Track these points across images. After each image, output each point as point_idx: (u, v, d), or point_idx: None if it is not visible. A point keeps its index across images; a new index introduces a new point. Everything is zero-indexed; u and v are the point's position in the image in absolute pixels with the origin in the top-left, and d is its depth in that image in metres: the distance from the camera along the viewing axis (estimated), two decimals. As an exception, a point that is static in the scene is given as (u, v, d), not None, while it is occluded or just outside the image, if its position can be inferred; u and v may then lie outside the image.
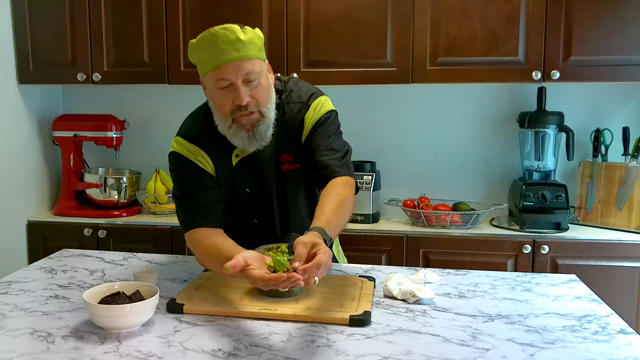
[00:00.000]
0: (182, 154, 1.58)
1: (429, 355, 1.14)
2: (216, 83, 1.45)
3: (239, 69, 1.42)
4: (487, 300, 1.47)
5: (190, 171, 1.57)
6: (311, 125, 1.58)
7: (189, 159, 1.57)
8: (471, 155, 2.81)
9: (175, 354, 1.14)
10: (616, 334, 1.26)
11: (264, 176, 1.61)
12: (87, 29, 2.67)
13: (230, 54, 1.40)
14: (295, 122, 1.59)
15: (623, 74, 2.39)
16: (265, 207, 1.64)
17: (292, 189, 1.63)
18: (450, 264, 2.27)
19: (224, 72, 1.42)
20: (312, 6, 2.50)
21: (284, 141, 1.59)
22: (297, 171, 1.62)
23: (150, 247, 2.57)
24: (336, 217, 1.41)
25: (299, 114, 1.59)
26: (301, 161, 1.61)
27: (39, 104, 2.86)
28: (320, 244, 1.26)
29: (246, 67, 1.42)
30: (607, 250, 2.36)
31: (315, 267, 1.19)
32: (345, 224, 1.50)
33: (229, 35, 1.40)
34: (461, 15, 2.44)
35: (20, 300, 1.44)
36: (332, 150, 1.57)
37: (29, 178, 2.78)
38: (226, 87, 1.44)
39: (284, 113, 1.58)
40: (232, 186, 1.61)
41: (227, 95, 1.45)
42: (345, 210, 1.47)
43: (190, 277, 1.64)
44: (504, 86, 2.74)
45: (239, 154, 1.58)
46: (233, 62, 1.41)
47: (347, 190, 1.51)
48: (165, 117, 2.97)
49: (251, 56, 1.43)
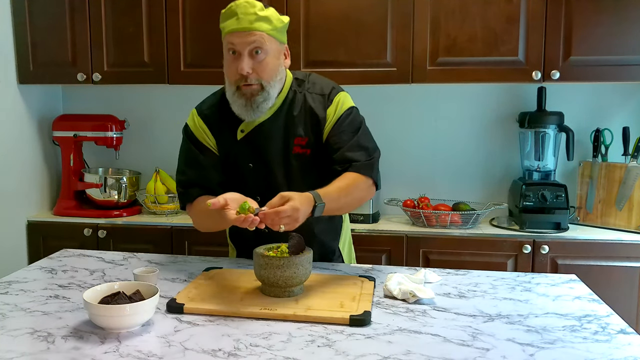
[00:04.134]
0: (190, 127, 1.70)
1: (429, 355, 1.14)
2: (227, 48, 1.56)
3: (246, 39, 1.52)
4: (487, 300, 1.47)
5: (193, 145, 1.69)
6: (334, 120, 1.65)
7: (194, 134, 1.69)
8: (471, 155, 2.81)
9: (175, 354, 1.14)
10: (616, 334, 1.26)
11: (269, 152, 1.66)
12: (87, 29, 2.67)
13: (243, 24, 1.52)
14: (314, 114, 1.66)
15: (623, 74, 2.39)
16: (268, 184, 1.67)
17: (299, 172, 1.68)
18: (450, 264, 2.27)
19: (233, 38, 1.53)
20: (312, 6, 2.51)
21: (303, 125, 1.65)
22: (308, 156, 1.67)
23: (150, 247, 2.57)
24: (336, 192, 1.52)
25: (321, 105, 1.66)
26: (314, 149, 1.66)
27: (39, 104, 2.86)
28: (293, 198, 1.37)
29: (254, 40, 1.52)
30: (607, 250, 2.36)
31: (274, 214, 1.33)
32: (347, 207, 1.61)
33: (248, 8, 1.52)
34: (461, 15, 2.44)
35: (20, 300, 1.44)
36: (359, 147, 1.64)
37: (29, 178, 2.78)
38: (234, 55, 1.55)
39: (305, 100, 1.67)
40: (235, 162, 1.68)
41: (233, 62, 1.55)
42: (350, 192, 1.56)
43: (190, 277, 1.64)
44: (504, 86, 2.74)
45: (244, 129, 1.65)
46: (243, 31, 1.52)
47: (361, 182, 1.59)
48: (165, 117, 2.97)
49: (262, 30, 1.52)
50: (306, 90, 1.68)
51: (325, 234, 1.78)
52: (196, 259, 1.84)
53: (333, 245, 1.83)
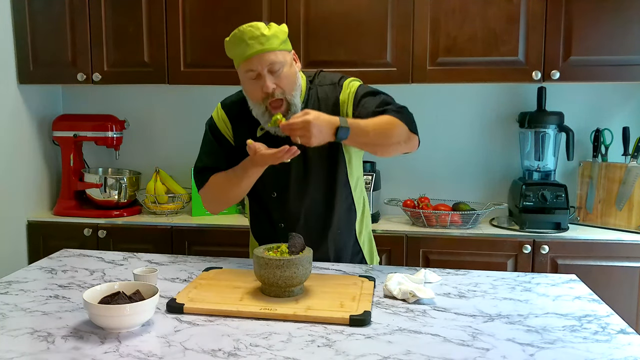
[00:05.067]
0: (214, 118, 1.81)
1: (429, 355, 1.14)
2: (246, 74, 1.62)
3: (263, 60, 1.58)
4: (487, 300, 1.47)
5: (212, 136, 1.79)
6: (351, 99, 1.70)
7: (216, 124, 1.79)
8: (471, 155, 2.81)
9: (175, 354, 1.14)
10: (616, 334, 1.26)
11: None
12: (87, 29, 2.67)
13: (255, 48, 1.57)
14: (328, 103, 1.71)
15: (623, 74, 2.39)
16: (284, 178, 1.73)
17: (314, 166, 1.73)
18: (450, 264, 2.27)
19: (251, 64, 1.59)
20: (312, 6, 2.51)
21: None
22: (325, 148, 1.68)
23: (150, 247, 2.56)
24: (367, 123, 1.55)
25: (332, 94, 1.72)
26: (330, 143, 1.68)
27: (39, 104, 2.86)
28: (309, 112, 1.46)
29: (270, 59, 1.58)
30: (607, 250, 2.36)
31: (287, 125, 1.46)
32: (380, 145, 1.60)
33: (254, 31, 1.57)
34: (461, 15, 2.44)
35: (20, 300, 1.44)
36: (387, 104, 1.67)
37: (29, 178, 2.78)
38: (254, 78, 1.61)
39: (317, 94, 1.73)
40: None
41: (256, 84, 1.61)
42: (383, 130, 1.57)
43: (190, 277, 1.64)
44: (504, 86, 2.74)
45: (263, 127, 1.70)
46: (258, 55, 1.58)
47: (397, 124, 1.59)
48: (165, 117, 2.97)
49: (274, 48, 1.59)
50: (317, 85, 1.75)
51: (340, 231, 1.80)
52: (196, 259, 1.84)
53: (350, 240, 1.83)
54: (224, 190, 1.75)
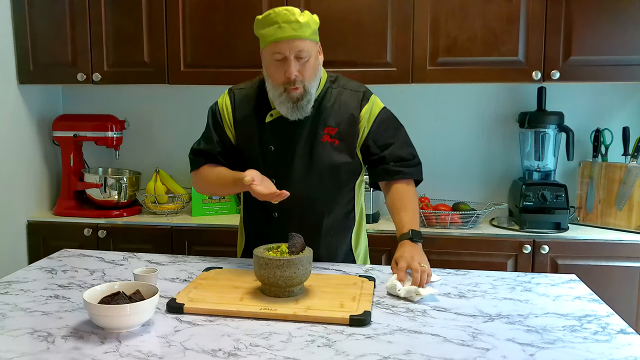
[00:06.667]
0: (218, 104, 1.84)
1: (429, 355, 1.14)
2: (272, 55, 1.64)
3: (292, 46, 1.61)
4: (487, 300, 1.47)
5: (212, 121, 1.83)
6: (372, 119, 1.76)
7: (218, 108, 1.82)
8: (471, 155, 2.81)
9: (175, 354, 1.14)
10: (616, 334, 1.26)
11: (295, 137, 1.73)
12: (87, 29, 2.67)
13: (287, 32, 1.60)
14: (348, 108, 1.75)
15: (623, 74, 2.39)
16: (285, 169, 1.75)
17: (321, 160, 1.73)
18: (450, 264, 2.26)
19: (280, 47, 1.61)
20: (312, 6, 2.50)
21: (335, 117, 1.74)
22: (334, 147, 1.73)
23: (150, 247, 2.56)
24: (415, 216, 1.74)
25: (353, 102, 1.76)
26: (341, 141, 1.74)
27: (39, 104, 2.86)
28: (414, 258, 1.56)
29: (299, 46, 1.61)
30: (607, 250, 2.36)
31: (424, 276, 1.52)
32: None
33: (289, 15, 1.60)
34: (461, 15, 2.44)
35: (20, 300, 1.44)
36: (407, 145, 1.81)
37: (29, 178, 2.78)
38: (280, 60, 1.63)
39: (339, 95, 1.77)
40: (255, 143, 1.76)
41: (280, 67, 1.63)
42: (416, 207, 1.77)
43: (190, 277, 1.64)
44: (504, 86, 2.74)
45: (274, 114, 1.73)
46: (288, 40, 1.60)
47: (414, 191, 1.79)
48: (165, 117, 2.97)
49: (305, 37, 1.62)
50: (341, 87, 1.78)
51: (334, 232, 1.81)
52: (196, 259, 1.84)
53: (343, 245, 1.84)
54: (213, 187, 1.82)
